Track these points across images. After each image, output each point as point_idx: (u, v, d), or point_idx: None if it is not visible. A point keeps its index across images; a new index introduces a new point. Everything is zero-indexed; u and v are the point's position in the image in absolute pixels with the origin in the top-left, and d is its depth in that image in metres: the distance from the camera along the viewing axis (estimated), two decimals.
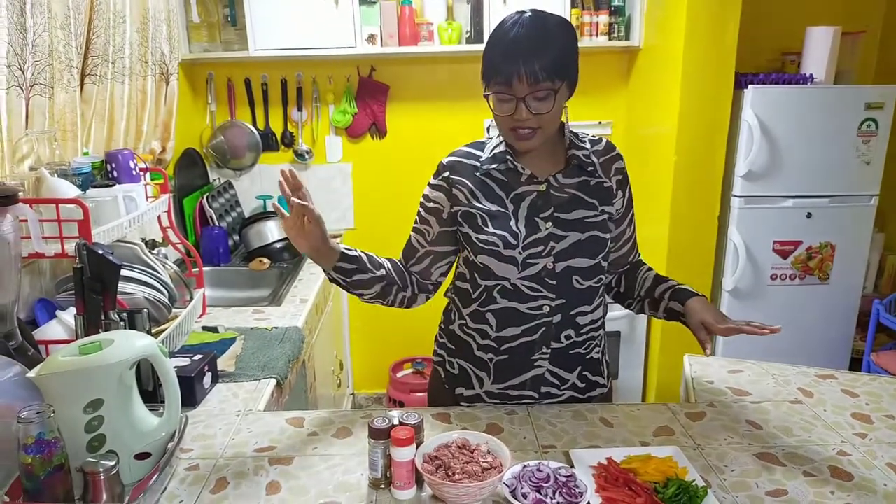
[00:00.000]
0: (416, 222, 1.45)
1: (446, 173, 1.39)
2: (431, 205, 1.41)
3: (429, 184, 1.43)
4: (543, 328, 1.36)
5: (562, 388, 1.43)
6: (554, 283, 1.34)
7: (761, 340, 1.45)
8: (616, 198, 1.39)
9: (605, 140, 1.43)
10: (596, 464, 1.19)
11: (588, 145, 1.39)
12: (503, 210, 1.34)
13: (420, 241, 1.44)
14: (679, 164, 2.69)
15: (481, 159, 1.37)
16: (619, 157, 1.41)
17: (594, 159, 1.37)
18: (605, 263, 1.39)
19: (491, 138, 1.41)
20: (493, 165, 1.35)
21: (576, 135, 1.39)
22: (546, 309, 1.35)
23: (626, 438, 1.31)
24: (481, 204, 1.35)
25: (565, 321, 1.37)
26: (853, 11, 3.16)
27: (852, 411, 1.42)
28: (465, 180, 1.37)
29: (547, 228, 1.32)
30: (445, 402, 1.49)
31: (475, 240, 1.35)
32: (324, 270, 1.35)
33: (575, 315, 1.37)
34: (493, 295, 1.37)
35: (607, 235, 1.37)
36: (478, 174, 1.36)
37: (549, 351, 1.38)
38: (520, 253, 1.32)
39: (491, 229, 1.33)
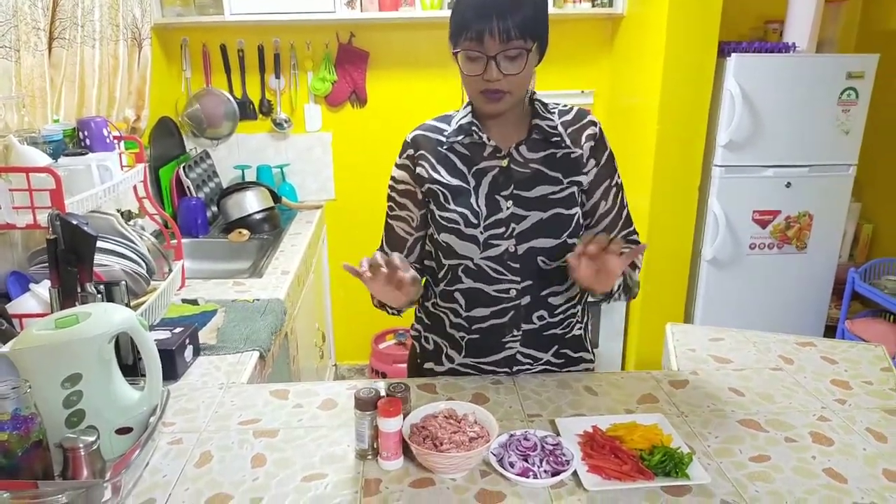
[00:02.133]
0: (392, 209, 1.40)
1: (410, 151, 1.35)
2: (403, 187, 1.37)
3: (395, 164, 1.38)
4: (512, 311, 1.33)
5: (535, 364, 1.41)
6: (517, 265, 1.30)
7: (739, 308, 1.36)
8: (587, 167, 1.32)
9: (575, 108, 1.37)
10: (582, 432, 1.19)
11: (556, 116, 1.34)
12: (465, 185, 1.30)
13: (406, 230, 1.39)
14: (661, 133, 2.69)
15: (446, 132, 1.33)
16: (592, 124, 1.34)
17: (561, 130, 1.32)
18: (573, 241, 1.31)
19: (458, 111, 1.36)
20: (459, 138, 1.31)
21: (544, 105, 1.34)
22: (513, 292, 1.32)
23: (611, 406, 1.32)
24: (443, 178, 1.31)
25: (536, 303, 1.34)
26: None
27: (832, 378, 1.44)
28: (427, 155, 1.33)
29: (508, 208, 1.28)
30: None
31: (438, 217, 1.32)
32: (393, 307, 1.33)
33: (546, 296, 1.34)
34: (458, 274, 1.34)
35: (573, 211, 1.31)
36: (441, 148, 1.33)
37: (520, 333, 1.36)
38: (481, 233, 1.29)
39: (452, 206, 1.30)
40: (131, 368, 1.35)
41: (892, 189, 3.21)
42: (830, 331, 3.13)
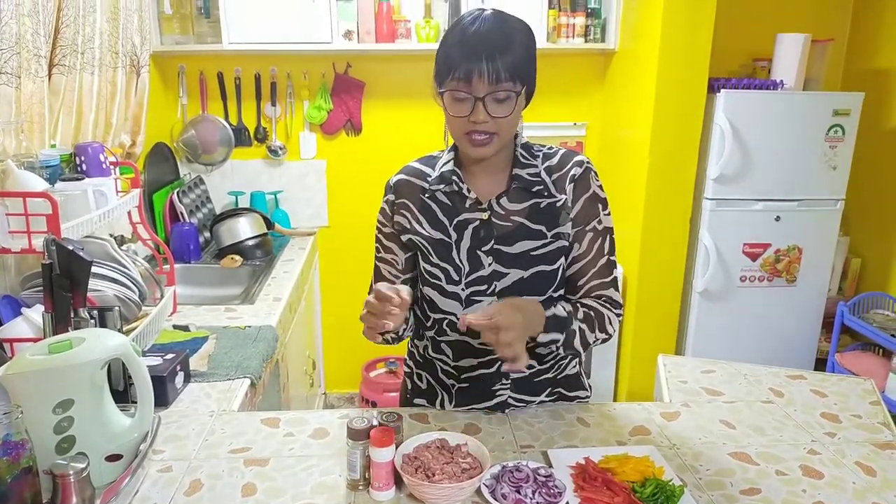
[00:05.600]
0: (379, 250, 1.38)
1: (391, 196, 1.33)
2: (389, 230, 1.35)
3: (381, 207, 1.37)
4: (499, 362, 1.31)
5: (529, 406, 1.40)
6: None
7: (730, 341, 1.28)
8: (572, 212, 1.27)
9: (561, 152, 1.30)
10: (574, 463, 1.19)
11: (539, 161, 1.28)
12: (446, 239, 1.28)
13: (393, 273, 1.37)
14: (652, 166, 2.73)
15: (429, 178, 1.30)
16: (577, 165, 1.27)
17: (544, 177, 1.27)
18: (558, 294, 1.31)
19: (443, 152, 1.34)
20: (440, 186, 1.28)
21: (529, 149, 1.30)
22: None
23: (603, 438, 1.32)
24: (424, 231, 1.29)
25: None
26: (822, 19, 3.24)
27: (822, 411, 1.45)
28: (408, 203, 1.31)
29: (489, 265, 1.25)
30: None
31: (422, 269, 1.31)
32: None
33: (533, 347, 1.26)
34: (444, 328, 1.33)
35: (557, 265, 1.28)
36: (424, 196, 1.30)
37: (510, 381, 1.35)
38: (463, 289, 1.27)
39: (435, 260, 1.28)
40: (122, 395, 1.34)
41: (879, 224, 3.26)
42: (821, 364, 3.15)
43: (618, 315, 1.32)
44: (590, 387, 1.49)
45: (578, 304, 1.28)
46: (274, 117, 3.14)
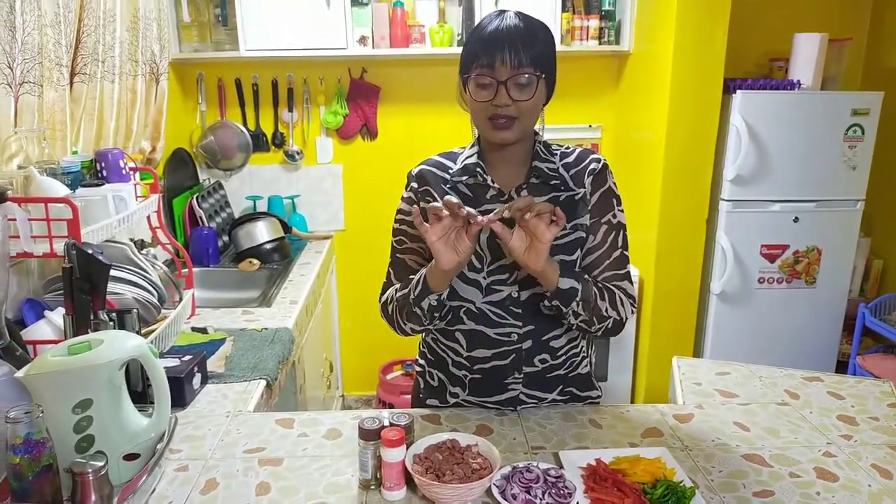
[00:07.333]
0: (402, 242, 1.37)
1: (414, 184, 1.36)
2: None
3: (402, 198, 1.38)
4: (513, 354, 1.33)
5: (540, 403, 1.41)
6: (520, 311, 1.30)
7: (749, 343, 1.28)
8: (590, 204, 1.32)
9: (577, 150, 1.36)
10: (585, 465, 1.19)
11: (557, 159, 1.33)
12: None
13: (420, 262, 1.34)
14: (668, 167, 2.71)
15: (451, 171, 1.34)
16: (595, 161, 1.33)
17: (563, 172, 1.32)
18: None
19: (464, 148, 1.37)
20: (463, 178, 1.32)
21: (547, 146, 1.35)
22: (514, 336, 1.32)
23: (615, 440, 1.32)
24: None
25: (537, 347, 1.33)
26: (839, 19, 3.20)
27: (838, 413, 1.43)
28: (431, 191, 1.33)
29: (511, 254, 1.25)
30: None
31: None
32: (427, 298, 1.25)
33: (548, 340, 1.33)
34: (460, 315, 1.34)
35: (576, 256, 1.31)
36: (446, 186, 1.33)
37: (522, 376, 1.35)
38: (484, 277, 1.30)
39: None
40: (140, 395, 1.37)
41: None
42: (842, 366, 3.10)
43: (631, 304, 1.33)
44: (601, 388, 1.49)
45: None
46: (291, 122, 3.18)
